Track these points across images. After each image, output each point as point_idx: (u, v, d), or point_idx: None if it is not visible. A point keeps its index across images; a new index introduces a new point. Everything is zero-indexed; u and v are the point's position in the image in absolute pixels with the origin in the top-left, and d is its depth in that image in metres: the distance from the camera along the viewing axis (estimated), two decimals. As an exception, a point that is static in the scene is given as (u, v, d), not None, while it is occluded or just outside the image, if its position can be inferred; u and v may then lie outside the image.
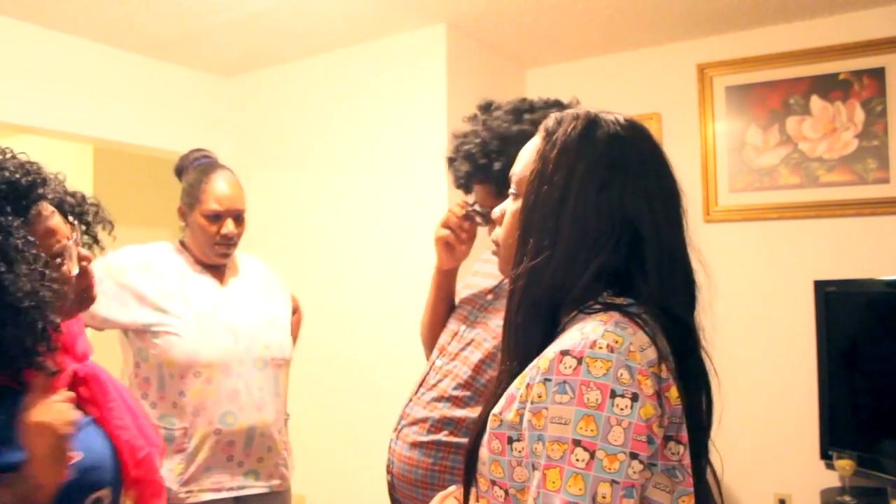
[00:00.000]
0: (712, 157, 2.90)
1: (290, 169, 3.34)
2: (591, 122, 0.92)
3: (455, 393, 1.42)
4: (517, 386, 0.85)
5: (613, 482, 0.74)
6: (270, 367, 1.86)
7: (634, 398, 0.76)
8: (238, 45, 3.10)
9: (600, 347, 0.78)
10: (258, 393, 1.81)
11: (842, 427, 2.42)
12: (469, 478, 0.93)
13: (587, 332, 0.81)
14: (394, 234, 2.97)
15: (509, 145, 1.39)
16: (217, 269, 1.91)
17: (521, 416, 0.82)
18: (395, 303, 2.93)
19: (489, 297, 1.52)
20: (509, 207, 0.99)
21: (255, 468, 1.82)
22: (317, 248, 3.22)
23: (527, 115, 1.44)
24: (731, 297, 2.83)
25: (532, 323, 0.90)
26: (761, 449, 2.73)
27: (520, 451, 0.82)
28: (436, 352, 1.54)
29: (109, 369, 1.30)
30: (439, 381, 1.46)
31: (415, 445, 1.42)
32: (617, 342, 0.79)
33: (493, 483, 0.86)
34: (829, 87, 2.74)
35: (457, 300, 1.63)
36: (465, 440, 1.35)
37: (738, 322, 2.76)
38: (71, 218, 1.15)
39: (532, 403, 0.80)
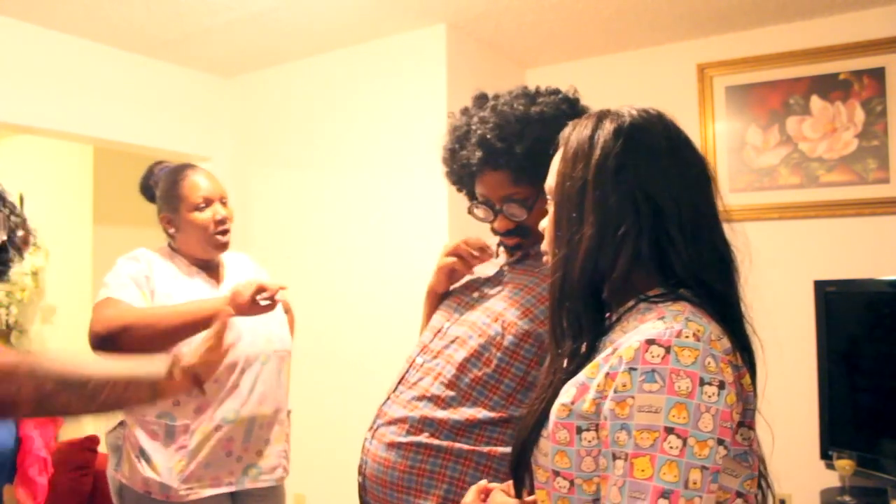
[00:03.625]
0: (712, 157, 2.90)
1: (290, 169, 3.34)
2: (599, 118, 0.97)
3: (437, 392, 1.34)
4: (588, 375, 0.86)
5: (703, 468, 0.76)
6: (274, 360, 1.87)
7: (721, 386, 0.78)
8: (238, 45, 3.10)
9: (686, 336, 0.80)
10: (260, 387, 1.82)
11: (842, 427, 2.42)
12: (521, 470, 0.93)
13: (669, 322, 0.82)
14: (393, 234, 2.97)
15: (530, 126, 1.35)
16: (211, 270, 1.90)
17: (598, 405, 0.83)
18: (395, 302, 2.93)
19: (475, 294, 1.46)
20: (548, 216, 1.02)
21: (255, 461, 1.83)
22: (316, 248, 3.22)
23: (540, 98, 1.39)
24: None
25: (577, 311, 0.92)
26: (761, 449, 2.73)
27: (589, 441, 0.84)
28: (416, 349, 1.47)
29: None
30: (420, 379, 1.38)
31: (392, 446, 1.33)
32: (700, 331, 0.81)
33: (557, 473, 0.86)
34: (829, 87, 2.74)
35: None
36: (446, 443, 1.29)
37: (738, 322, 2.76)
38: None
39: (616, 392, 0.80)
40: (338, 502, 3.03)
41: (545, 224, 1.03)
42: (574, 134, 0.97)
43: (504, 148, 1.36)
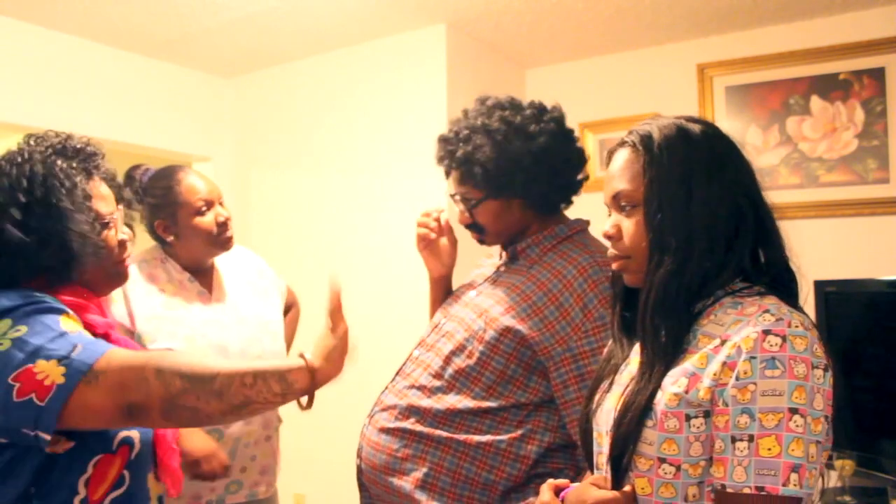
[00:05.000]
0: (712, 157, 2.90)
1: (291, 169, 3.34)
2: (681, 126, 1.02)
3: (425, 382, 1.44)
4: (697, 365, 0.92)
5: (818, 442, 0.86)
6: None
7: (826, 369, 0.89)
8: (238, 45, 3.10)
9: (797, 326, 0.89)
10: None
11: (842, 427, 2.41)
12: (620, 462, 0.96)
13: (776, 313, 0.90)
14: (393, 234, 2.97)
15: (474, 135, 1.44)
16: (204, 277, 1.82)
17: (714, 392, 0.89)
18: (394, 302, 2.93)
19: (472, 292, 1.53)
20: (623, 220, 1.03)
21: (238, 478, 1.78)
22: (316, 248, 3.22)
23: (499, 111, 1.47)
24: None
25: (679, 313, 0.97)
26: (761, 449, 2.72)
27: (697, 428, 0.90)
28: (417, 343, 1.56)
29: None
30: (413, 370, 1.48)
31: (382, 431, 1.43)
32: (803, 321, 0.90)
33: (663, 460, 0.92)
34: (829, 87, 2.74)
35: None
36: (427, 430, 1.38)
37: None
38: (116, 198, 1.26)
39: (738, 380, 0.87)
40: (337, 502, 3.03)
41: (612, 230, 1.04)
42: (660, 141, 0.99)
43: (451, 150, 1.48)
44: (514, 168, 1.41)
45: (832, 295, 2.47)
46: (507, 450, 1.35)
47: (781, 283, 0.98)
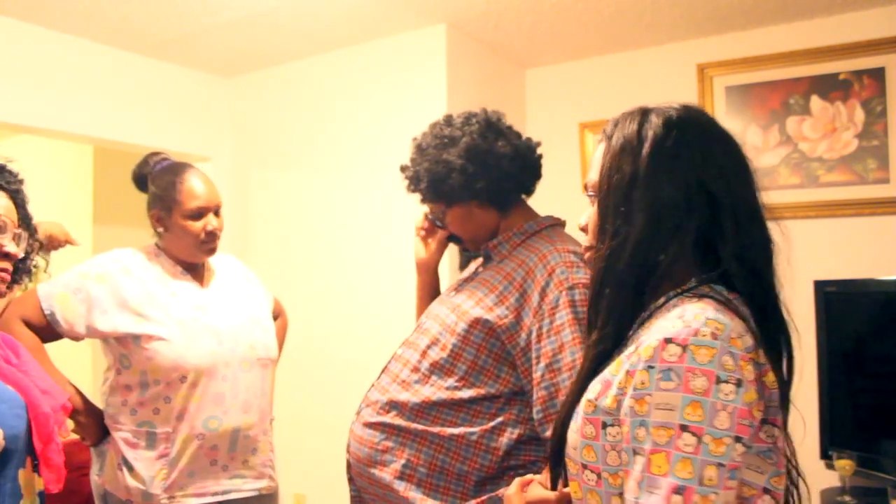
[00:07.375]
0: (712, 157, 2.90)
1: (290, 169, 3.34)
2: (644, 112, 0.97)
3: (404, 377, 1.51)
4: (612, 372, 0.89)
5: (720, 465, 0.78)
6: (257, 368, 1.83)
7: (738, 384, 0.79)
8: (238, 45, 3.10)
9: (703, 335, 0.81)
10: (244, 395, 1.79)
11: (842, 427, 2.41)
12: (556, 462, 0.96)
13: (688, 320, 0.83)
14: (392, 234, 2.97)
15: (417, 157, 1.63)
16: (196, 271, 1.87)
17: (619, 402, 0.85)
18: (394, 302, 2.93)
19: (452, 293, 1.61)
20: (591, 214, 1.02)
21: (241, 471, 1.80)
22: (315, 248, 3.22)
23: (432, 130, 1.62)
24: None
25: (616, 303, 0.93)
26: (761, 449, 2.72)
27: (614, 436, 0.86)
28: (402, 342, 1.64)
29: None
30: (395, 367, 1.56)
31: (366, 425, 1.51)
32: (719, 329, 0.82)
33: (585, 467, 0.90)
34: (829, 87, 2.74)
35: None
36: (405, 423, 1.46)
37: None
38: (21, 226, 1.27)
39: (635, 390, 0.83)
40: (337, 502, 3.03)
41: (583, 224, 1.04)
42: (618, 129, 0.97)
43: (406, 177, 1.67)
44: (449, 171, 1.54)
45: (832, 295, 2.47)
46: (478, 442, 1.41)
47: (730, 283, 0.92)
